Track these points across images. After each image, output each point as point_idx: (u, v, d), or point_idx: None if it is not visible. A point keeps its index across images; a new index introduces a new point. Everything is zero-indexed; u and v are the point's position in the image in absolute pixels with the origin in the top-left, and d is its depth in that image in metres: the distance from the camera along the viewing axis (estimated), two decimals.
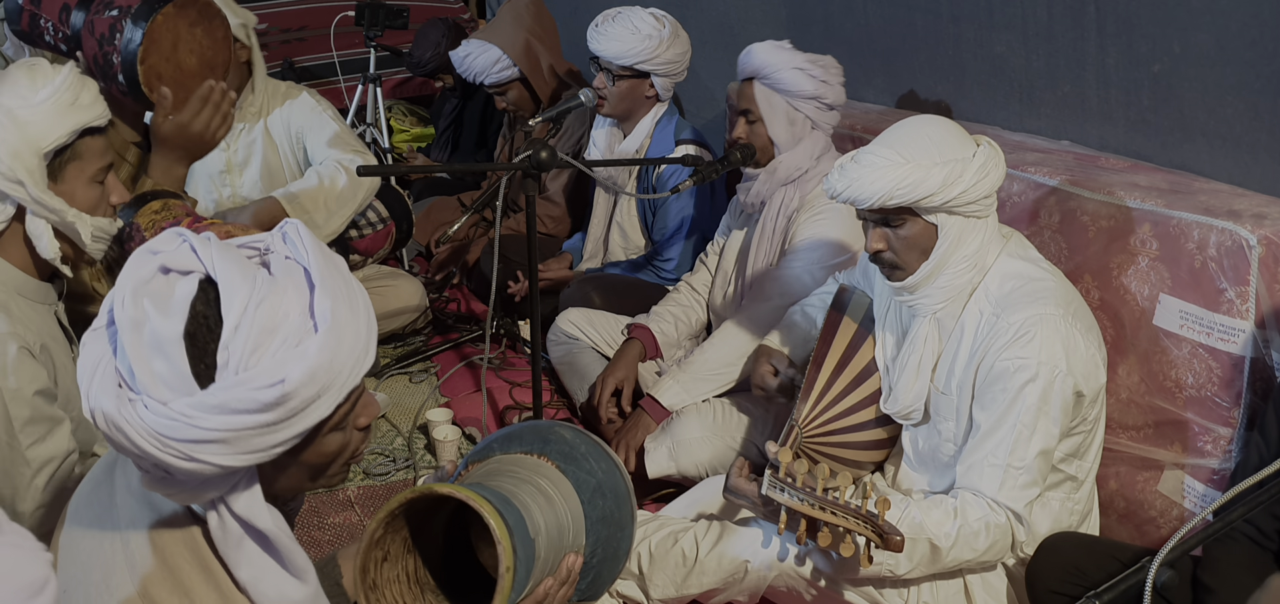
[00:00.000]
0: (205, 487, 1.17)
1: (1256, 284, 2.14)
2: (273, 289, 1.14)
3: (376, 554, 1.32)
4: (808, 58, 2.87)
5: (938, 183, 2.01)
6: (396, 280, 3.79)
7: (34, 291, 1.93)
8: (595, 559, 1.53)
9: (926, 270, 2.11)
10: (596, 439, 1.62)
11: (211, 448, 1.11)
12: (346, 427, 1.26)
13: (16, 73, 1.88)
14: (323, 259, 1.19)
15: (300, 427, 1.15)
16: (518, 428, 1.63)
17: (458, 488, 1.30)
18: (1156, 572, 1.44)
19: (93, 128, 1.91)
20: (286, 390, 1.11)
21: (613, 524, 1.55)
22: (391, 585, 1.36)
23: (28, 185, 1.83)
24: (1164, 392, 2.31)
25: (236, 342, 1.11)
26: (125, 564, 1.21)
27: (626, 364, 3.07)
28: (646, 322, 3.14)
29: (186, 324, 1.11)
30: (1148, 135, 2.64)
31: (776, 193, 2.95)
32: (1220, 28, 2.35)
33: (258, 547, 1.23)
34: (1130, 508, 2.37)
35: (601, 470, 1.56)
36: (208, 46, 2.25)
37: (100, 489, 1.29)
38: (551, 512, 1.44)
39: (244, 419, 1.10)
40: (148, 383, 1.10)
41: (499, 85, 4.13)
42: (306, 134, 3.39)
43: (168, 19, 2.15)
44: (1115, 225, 2.40)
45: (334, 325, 1.15)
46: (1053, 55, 2.81)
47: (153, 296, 1.12)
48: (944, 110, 3.23)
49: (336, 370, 1.16)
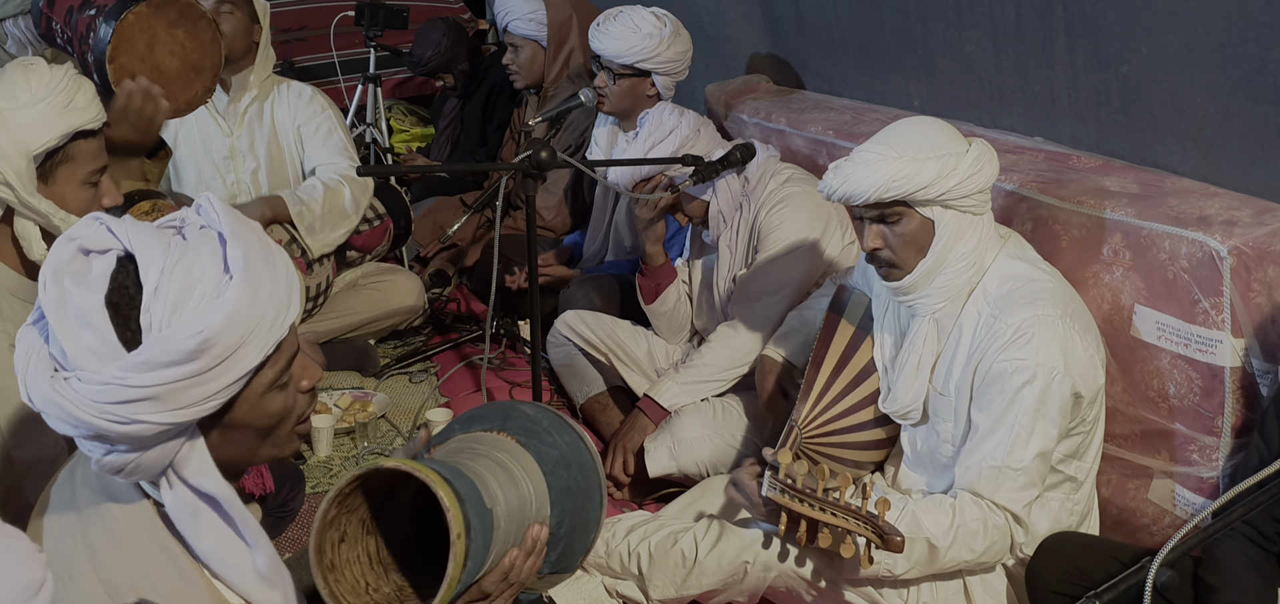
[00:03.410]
0: (149, 450, 1.17)
1: (1230, 294, 2.09)
2: (187, 251, 1.16)
3: (332, 535, 1.30)
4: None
5: (932, 174, 1.98)
6: (395, 278, 3.75)
7: (25, 292, 1.87)
8: (563, 529, 1.50)
9: (924, 268, 2.07)
10: (560, 413, 1.59)
11: (145, 406, 1.12)
12: (288, 387, 1.27)
13: (11, 72, 1.82)
14: (234, 220, 1.20)
15: (229, 376, 1.17)
16: (480, 409, 1.61)
17: (405, 462, 1.28)
18: (1156, 572, 1.41)
19: (86, 131, 1.86)
20: (206, 336, 1.12)
21: (579, 495, 1.52)
22: (351, 566, 1.34)
23: (16, 187, 1.78)
24: (1148, 401, 2.27)
25: (157, 303, 1.13)
26: (85, 553, 1.22)
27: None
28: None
29: (107, 294, 1.13)
30: (1119, 135, 2.59)
31: (732, 215, 2.94)
32: (1187, 30, 2.28)
33: (214, 515, 1.23)
34: (1122, 515, 2.33)
35: (564, 442, 1.54)
36: (192, 49, 2.21)
37: (64, 487, 1.30)
38: (511, 484, 1.41)
39: (171, 372, 1.12)
40: (78, 357, 1.12)
41: (520, 37, 4.09)
42: (307, 129, 3.38)
43: (140, 18, 2.10)
44: (1087, 235, 2.35)
45: (247, 271, 1.16)
46: (1022, 54, 2.76)
47: (72, 275, 1.14)
48: (915, 108, 3.22)
49: (257, 317, 1.17)
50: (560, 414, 1.60)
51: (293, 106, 3.38)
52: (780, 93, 3.76)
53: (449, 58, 4.85)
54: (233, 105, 3.34)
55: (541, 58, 4.12)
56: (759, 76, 3.90)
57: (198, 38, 2.22)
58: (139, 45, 2.13)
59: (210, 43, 2.26)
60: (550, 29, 4.05)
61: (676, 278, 3.15)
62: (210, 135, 3.37)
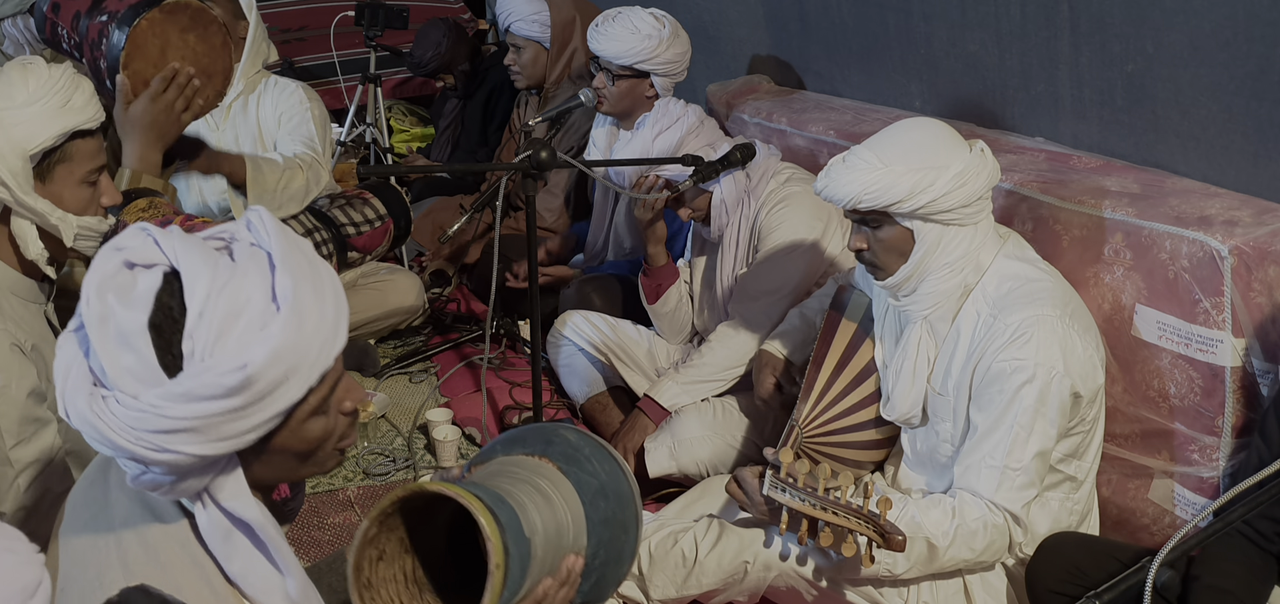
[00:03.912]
0: (185, 478, 1.15)
1: (1231, 294, 2.09)
2: (235, 274, 1.12)
3: (371, 552, 1.29)
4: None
5: (905, 190, 1.98)
6: (395, 278, 3.74)
7: (25, 291, 1.88)
8: (598, 561, 1.48)
9: (905, 273, 2.07)
10: (602, 442, 1.58)
11: (182, 438, 1.10)
12: (329, 411, 1.24)
13: (9, 72, 1.82)
14: (285, 242, 1.17)
15: (270, 411, 1.13)
16: (522, 430, 1.59)
17: (448, 486, 1.26)
18: (1156, 572, 1.41)
19: (84, 130, 1.86)
20: (250, 374, 1.09)
21: (615, 526, 1.51)
22: (387, 585, 1.32)
23: (12, 187, 1.78)
24: (1148, 401, 2.26)
25: (201, 329, 1.09)
26: (118, 561, 1.20)
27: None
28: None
29: (151, 315, 1.10)
30: (1122, 135, 2.59)
31: (734, 212, 2.94)
32: (1193, 29, 2.28)
33: (246, 540, 1.21)
34: (1122, 515, 2.33)
35: (604, 472, 1.52)
36: (204, 54, 2.20)
37: (94, 488, 1.28)
38: (550, 512, 1.39)
39: (211, 406, 1.09)
40: (118, 378, 1.09)
41: (522, 38, 4.07)
42: (285, 123, 3.34)
43: (153, 24, 2.10)
44: (1088, 234, 2.34)
45: (295, 305, 1.12)
46: (1026, 54, 2.76)
47: (117, 291, 1.11)
48: (916, 108, 3.21)
49: (302, 351, 1.13)
50: (601, 442, 1.58)
51: (277, 101, 3.35)
52: (781, 92, 3.76)
53: (449, 58, 4.85)
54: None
55: (544, 58, 4.11)
56: (760, 76, 3.91)
57: (209, 42, 2.22)
58: (152, 51, 2.13)
59: (221, 47, 2.26)
60: (553, 30, 4.04)
61: (679, 278, 3.14)
62: (196, 127, 3.36)
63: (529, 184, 2.56)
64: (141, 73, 2.12)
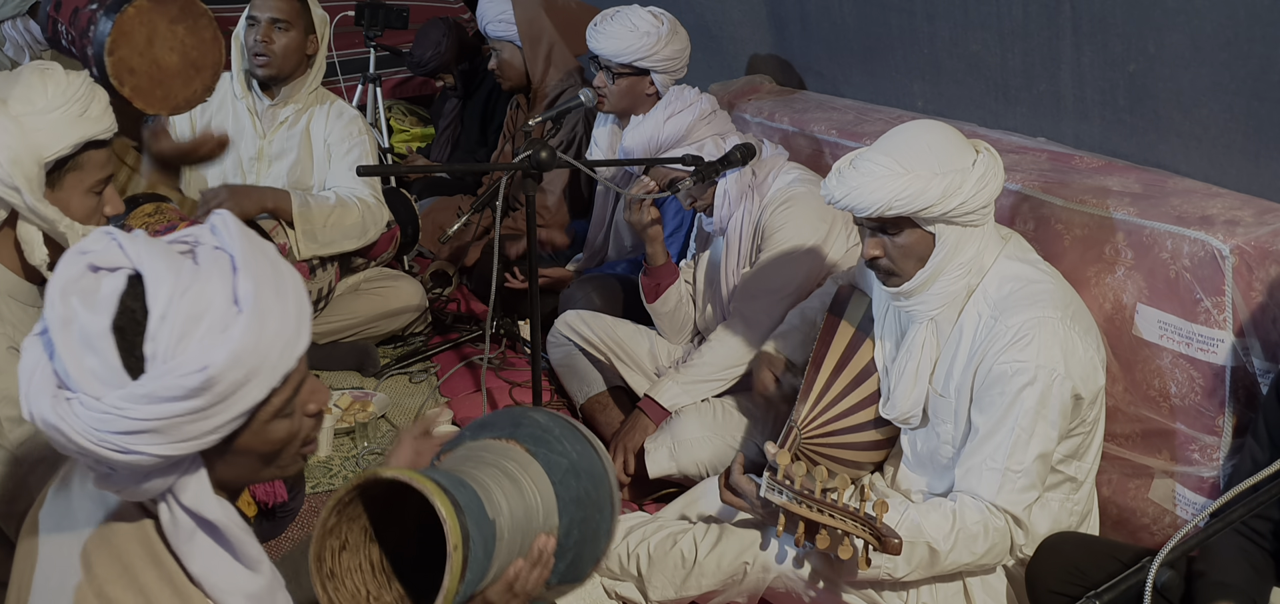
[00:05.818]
0: (148, 478, 1.16)
1: (1232, 294, 2.09)
2: (197, 278, 1.13)
3: (332, 543, 1.29)
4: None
5: (937, 194, 1.96)
6: (396, 281, 3.75)
7: (24, 295, 1.86)
8: (572, 540, 1.48)
9: (922, 277, 2.06)
10: (574, 422, 1.57)
11: (145, 439, 1.11)
12: (294, 413, 1.24)
13: (29, 76, 1.81)
14: (247, 245, 1.18)
15: (232, 412, 1.14)
16: (491, 416, 1.59)
17: (403, 471, 1.27)
18: (1156, 572, 1.41)
19: (98, 140, 1.85)
20: (211, 375, 1.10)
21: (589, 505, 1.50)
22: (352, 574, 1.33)
23: (24, 192, 1.76)
24: (1149, 401, 2.27)
25: (163, 331, 1.10)
26: (81, 564, 1.21)
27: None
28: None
29: (114, 318, 1.11)
30: (1124, 134, 2.59)
31: (738, 205, 2.95)
32: (1195, 28, 2.28)
33: (209, 539, 1.22)
34: (1123, 515, 2.33)
35: (575, 452, 1.51)
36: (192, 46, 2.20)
37: (60, 495, 1.29)
38: (517, 493, 1.40)
39: (173, 407, 1.10)
40: (81, 379, 1.10)
41: (496, 40, 4.12)
42: (337, 149, 3.41)
43: (141, 12, 2.09)
44: (1089, 233, 2.35)
45: (257, 307, 1.13)
46: (1028, 54, 2.76)
47: (80, 294, 1.12)
48: (918, 109, 3.22)
49: (264, 353, 1.14)
50: (573, 422, 1.57)
51: (330, 124, 3.43)
52: (783, 93, 3.77)
53: (449, 58, 4.86)
54: (273, 111, 3.39)
55: (520, 57, 4.14)
56: (762, 76, 3.91)
57: (198, 35, 2.22)
58: (139, 39, 2.12)
59: (211, 41, 2.25)
60: (520, 27, 4.06)
61: (679, 278, 3.14)
62: (244, 131, 3.42)
63: (529, 184, 2.56)
64: (127, 61, 2.11)
